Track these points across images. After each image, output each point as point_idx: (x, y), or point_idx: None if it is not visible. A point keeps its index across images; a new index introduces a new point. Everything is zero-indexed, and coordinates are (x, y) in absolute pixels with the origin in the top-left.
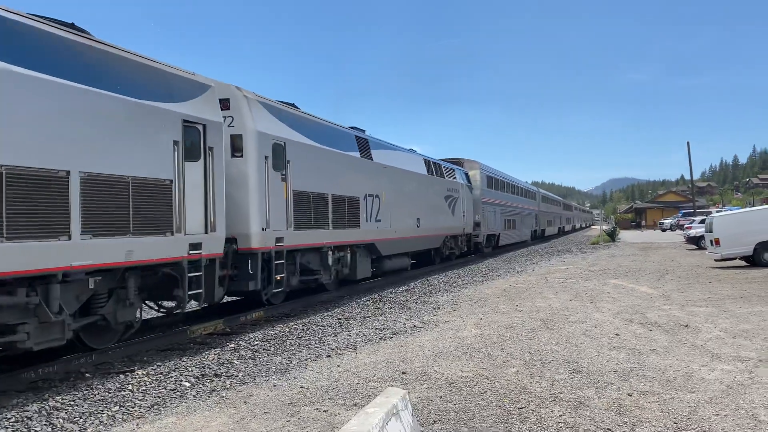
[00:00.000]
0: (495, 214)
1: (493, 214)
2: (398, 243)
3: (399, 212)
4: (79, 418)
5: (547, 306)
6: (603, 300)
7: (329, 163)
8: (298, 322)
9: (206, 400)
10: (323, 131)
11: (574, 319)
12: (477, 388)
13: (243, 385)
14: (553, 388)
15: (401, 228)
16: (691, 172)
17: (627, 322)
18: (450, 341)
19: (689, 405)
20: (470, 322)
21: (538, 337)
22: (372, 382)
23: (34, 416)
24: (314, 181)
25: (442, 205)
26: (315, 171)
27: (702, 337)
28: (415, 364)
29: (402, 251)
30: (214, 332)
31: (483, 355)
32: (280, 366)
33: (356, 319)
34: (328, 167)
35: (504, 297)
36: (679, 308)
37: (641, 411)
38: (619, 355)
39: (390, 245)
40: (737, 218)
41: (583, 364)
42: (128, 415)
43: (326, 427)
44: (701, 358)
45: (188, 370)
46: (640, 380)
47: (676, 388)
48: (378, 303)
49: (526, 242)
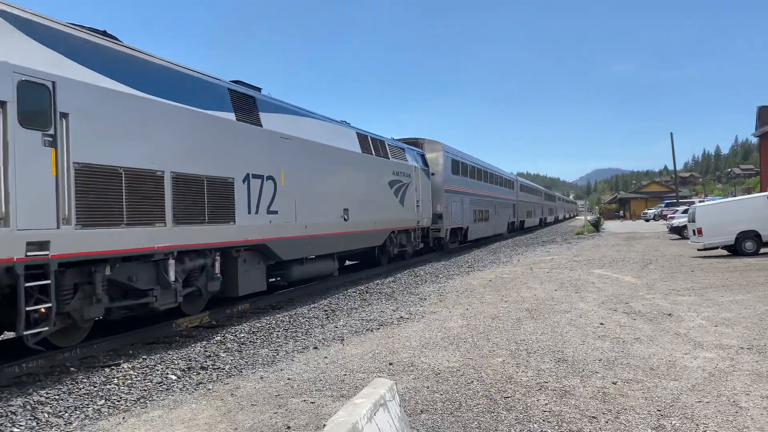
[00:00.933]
0: (462, 204)
1: (461, 204)
2: (311, 242)
3: (312, 201)
4: (65, 412)
5: (532, 296)
6: (588, 290)
7: (168, 124)
8: (284, 314)
9: (193, 392)
10: (159, 77)
11: (560, 309)
12: (463, 378)
13: (230, 378)
14: (538, 378)
15: (316, 222)
16: (674, 163)
17: (611, 312)
18: (436, 332)
19: (672, 392)
20: (456, 312)
21: (523, 327)
22: (359, 373)
23: (19, 411)
24: (133, 150)
25: (385, 192)
26: (135, 134)
27: (685, 325)
28: (402, 355)
29: (321, 253)
30: (200, 325)
31: (469, 346)
32: (266, 358)
33: (343, 311)
34: (164, 131)
35: (490, 287)
36: (663, 297)
37: (625, 399)
38: (604, 344)
39: (296, 246)
40: (719, 208)
41: (568, 354)
42: (114, 409)
43: (313, 418)
44: (684, 347)
45: (174, 363)
46: (625, 369)
47: (660, 376)
48: (364, 294)
49: (502, 235)
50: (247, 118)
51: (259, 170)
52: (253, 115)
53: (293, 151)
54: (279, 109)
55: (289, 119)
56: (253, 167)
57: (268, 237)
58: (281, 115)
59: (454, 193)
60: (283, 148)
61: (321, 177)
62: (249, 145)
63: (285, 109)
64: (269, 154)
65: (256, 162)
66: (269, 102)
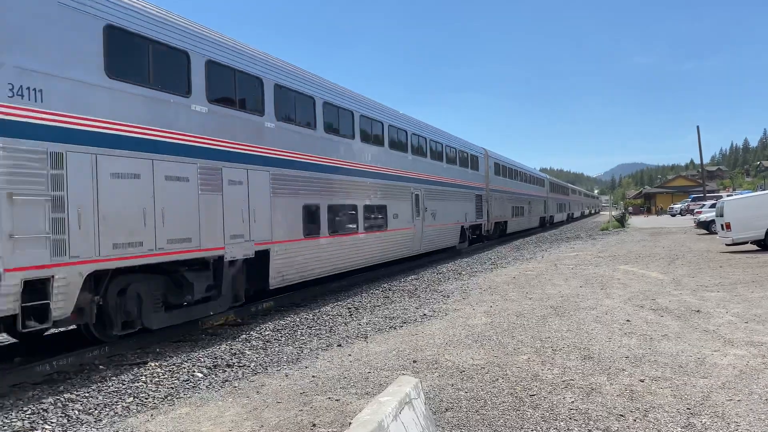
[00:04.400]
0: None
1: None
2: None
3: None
4: (94, 409)
5: (557, 293)
6: (613, 286)
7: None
8: (308, 311)
9: (219, 390)
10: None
11: (585, 305)
12: (488, 376)
13: (255, 375)
14: (564, 375)
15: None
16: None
17: (638, 308)
18: (460, 329)
19: (702, 390)
20: (480, 310)
21: (548, 324)
22: (383, 371)
23: (50, 408)
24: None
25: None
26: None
27: (714, 322)
28: (426, 353)
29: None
30: (226, 323)
31: (494, 343)
32: (291, 356)
33: (366, 308)
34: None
35: (514, 285)
36: (691, 293)
37: (654, 397)
38: (631, 341)
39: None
40: (748, 202)
41: (594, 351)
42: (142, 406)
43: (339, 416)
44: (713, 344)
45: (200, 361)
46: (652, 366)
47: (689, 374)
48: (387, 292)
49: (534, 229)
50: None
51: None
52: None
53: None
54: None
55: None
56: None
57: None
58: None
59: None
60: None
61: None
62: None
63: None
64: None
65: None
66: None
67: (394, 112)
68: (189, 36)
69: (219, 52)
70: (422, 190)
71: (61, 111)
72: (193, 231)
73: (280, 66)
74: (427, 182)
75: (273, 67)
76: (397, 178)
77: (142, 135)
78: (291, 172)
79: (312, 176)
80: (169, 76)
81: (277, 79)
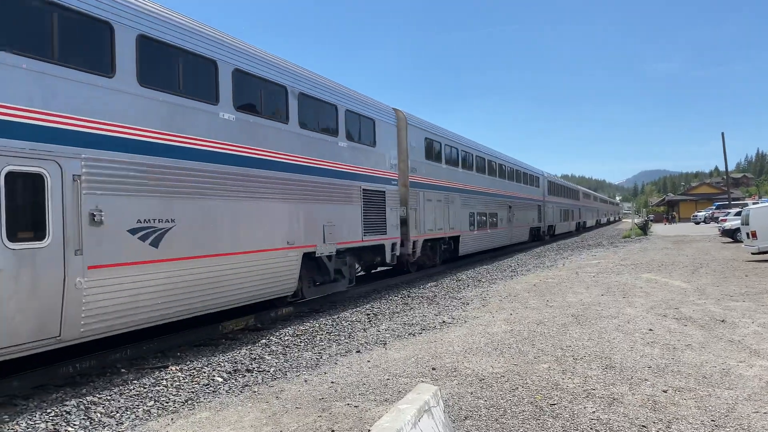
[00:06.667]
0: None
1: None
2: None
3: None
4: (116, 412)
5: (578, 301)
6: (635, 295)
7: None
8: (327, 317)
9: (239, 395)
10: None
11: (606, 314)
12: (508, 384)
13: (274, 381)
14: (585, 384)
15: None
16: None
17: (661, 317)
18: (480, 337)
19: (727, 402)
20: (500, 317)
21: (569, 333)
22: (402, 377)
23: (73, 410)
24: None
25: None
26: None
27: (739, 332)
28: (445, 360)
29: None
30: (245, 328)
31: (513, 351)
32: (310, 361)
33: (385, 315)
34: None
35: (534, 292)
36: (715, 303)
37: (677, 408)
38: (653, 350)
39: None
40: None
41: (616, 360)
42: (163, 410)
43: (357, 422)
44: (739, 354)
45: (221, 365)
46: (675, 376)
47: (713, 385)
48: (406, 298)
49: (571, 232)
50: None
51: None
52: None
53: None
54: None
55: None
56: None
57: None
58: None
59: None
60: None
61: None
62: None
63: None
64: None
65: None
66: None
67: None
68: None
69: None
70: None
71: None
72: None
73: (581, 187)
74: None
75: (580, 188)
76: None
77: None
78: (559, 205)
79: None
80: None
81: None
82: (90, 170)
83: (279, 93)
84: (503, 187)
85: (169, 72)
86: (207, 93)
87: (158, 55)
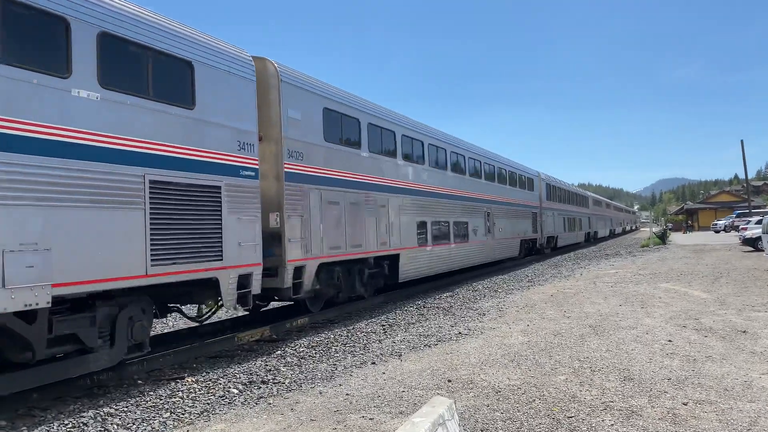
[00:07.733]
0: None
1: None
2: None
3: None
4: (132, 424)
5: (596, 311)
6: (654, 305)
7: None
8: (342, 328)
9: (254, 407)
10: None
11: (625, 324)
12: (525, 397)
13: (290, 392)
14: (603, 397)
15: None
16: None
17: (680, 328)
18: (496, 348)
19: (749, 415)
20: (517, 328)
21: (587, 344)
22: (417, 390)
23: (90, 422)
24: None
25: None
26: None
27: (762, 343)
28: (461, 372)
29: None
30: (261, 339)
31: (530, 363)
32: (325, 373)
33: (400, 326)
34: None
35: (551, 303)
36: (736, 313)
37: (698, 421)
38: (673, 362)
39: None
40: None
41: (634, 372)
42: (179, 422)
43: None
44: (761, 366)
45: (236, 376)
46: (696, 389)
47: (735, 398)
48: (422, 309)
49: (580, 243)
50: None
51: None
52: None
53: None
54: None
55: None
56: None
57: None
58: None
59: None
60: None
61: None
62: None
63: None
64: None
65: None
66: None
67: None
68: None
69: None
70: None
71: None
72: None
73: (592, 194)
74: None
75: (590, 195)
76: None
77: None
78: (565, 213)
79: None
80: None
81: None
82: None
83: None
84: (477, 188)
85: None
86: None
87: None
